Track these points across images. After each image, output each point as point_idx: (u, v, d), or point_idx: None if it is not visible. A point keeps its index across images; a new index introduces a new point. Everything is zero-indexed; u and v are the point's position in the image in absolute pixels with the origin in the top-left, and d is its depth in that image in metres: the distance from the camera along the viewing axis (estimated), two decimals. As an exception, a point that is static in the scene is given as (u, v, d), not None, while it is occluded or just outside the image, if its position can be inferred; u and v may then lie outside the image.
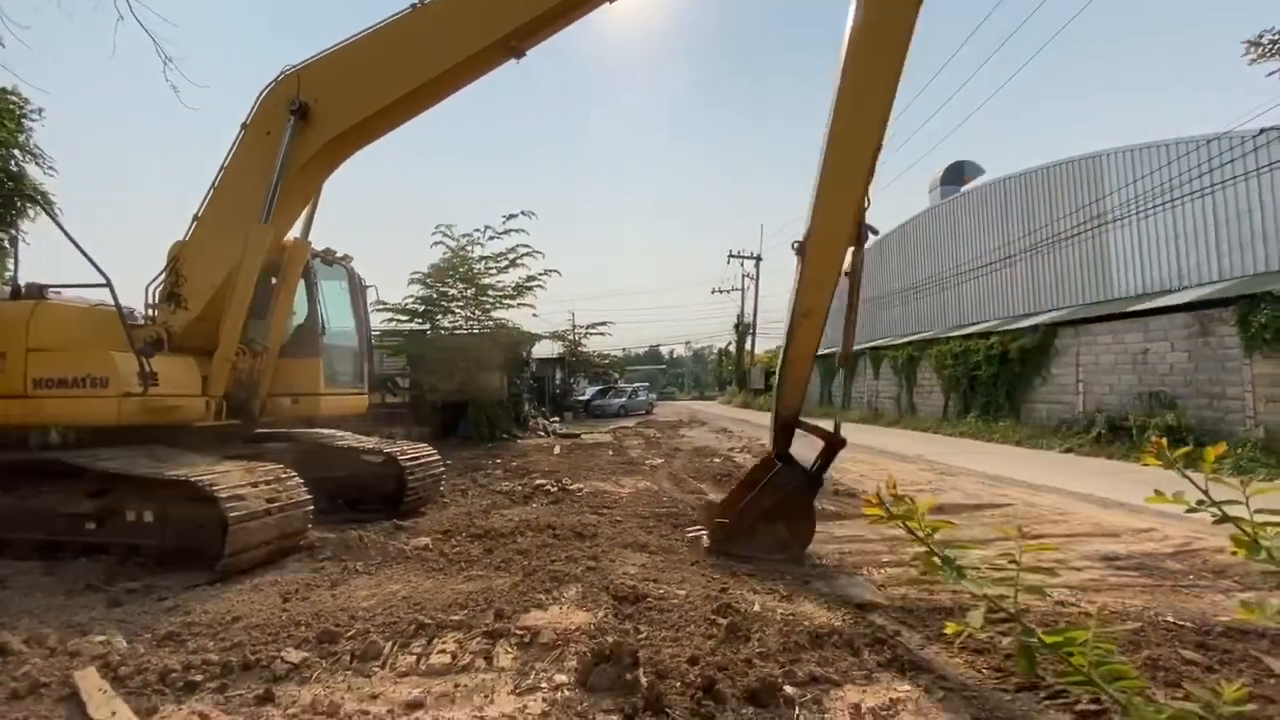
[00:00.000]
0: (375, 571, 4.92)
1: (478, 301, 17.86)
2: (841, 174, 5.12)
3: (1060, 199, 18.65)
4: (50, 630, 3.64)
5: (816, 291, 5.36)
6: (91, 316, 5.84)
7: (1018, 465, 11.67)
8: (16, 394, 5.32)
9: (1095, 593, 4.42)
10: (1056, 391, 16.57)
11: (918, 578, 4.64)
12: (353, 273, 8.06)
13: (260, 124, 6.03)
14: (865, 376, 27.75)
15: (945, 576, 1.40)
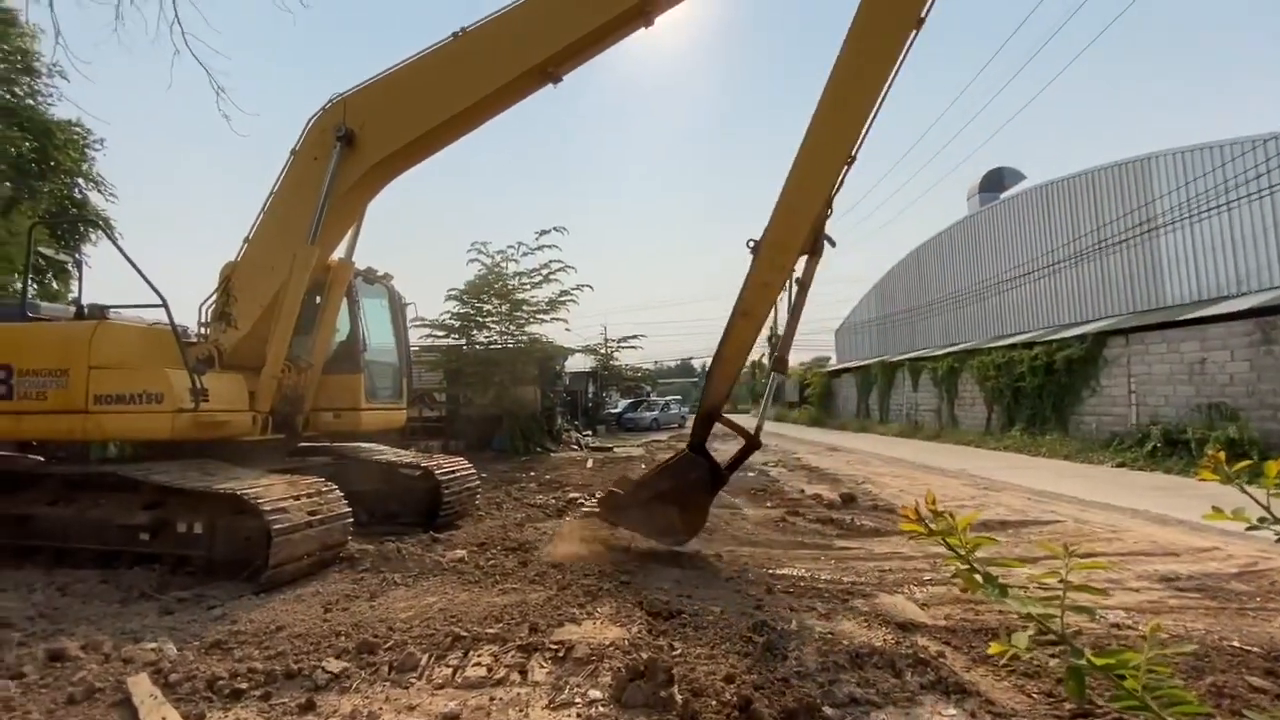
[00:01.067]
0: (413, 583, 4.99)
1: (512, 317, 18.12)
2: (808, 180, 5.15)
3: (1106, 204, 18.03)
4: (105, 637, 3.78)
5: (761, 292, 5.37)
6: (148, 335, 6.12)
7: (1066, 480, 11.22)
8: (78, 409, 5.57)
9: (1154, 615, 4.19)
10: (1107, 403, 15.91)
11: (962, 597, 4.49)
12: (392, 291, 8.28)
13: (308, 150, 6.28)
14: (904, 389, 27.13)
15: (987, 594, 1.35)
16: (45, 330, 5.99)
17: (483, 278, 17.87)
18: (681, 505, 5.36)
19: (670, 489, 5.34)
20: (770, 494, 9.90)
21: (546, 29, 5.74)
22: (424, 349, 19.00)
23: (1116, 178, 17.64)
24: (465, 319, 18.03)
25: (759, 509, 8.67)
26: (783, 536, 6.85)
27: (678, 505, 5.34)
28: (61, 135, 19.37)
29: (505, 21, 5.81)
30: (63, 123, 19.47)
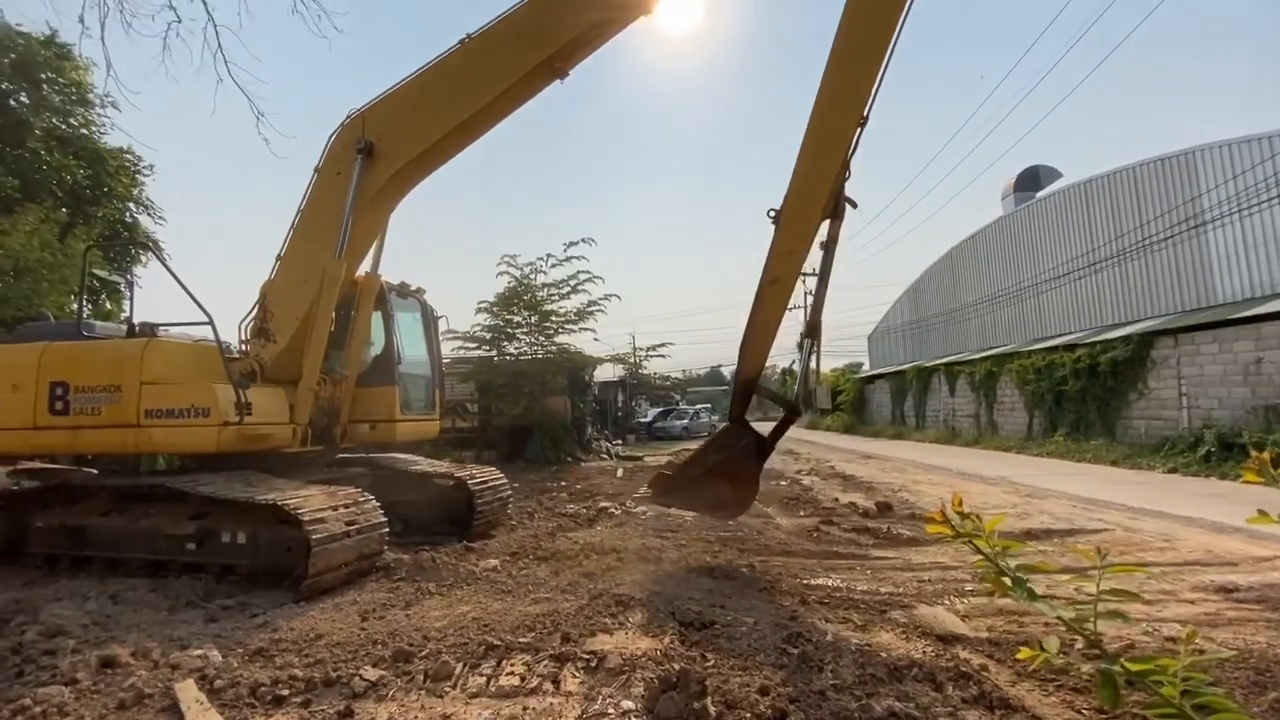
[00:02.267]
0: (447, 592, 5.04)
1: (541, 328, 18.32)
2: (822, 144, 5.12)
3: (1150, 200, 17.41)
4: (154, 644, 3.91)
5: (787, 259, 5.36)
6: (195, 352, 6.35)
7: (1114, 487, 10.80)
8: (130, 423, 5.80)
9: (1211, 628, 3.99)
10: (1156, 406, 15.29)
11: (1006, 608, 4.35)
12: (425, 304, 8.45)
13: (330, 166, 6.47)
14: (940, 394, 26.52)
15: (1015, 597, 1.30)
16: (99, 348, 6.24)
17: (512, 290, 18.11)
18: (731, 478, 5.38)
19: (719, 463, 5.36)
20: (803, 503, 9.76)
21: (549, 25, 5.88)
22: (456, 361, 19.31)
23: (1160, 173, 17.04)
24: (496, 331, 18.29)
25: (792, 518, 8.55)
26: (816, 546, 6.74)
27: (728, 478, 5.37)
28: (113, 162, 20.34)
29: (509, 22, 5.97)
30: (114, 150, 20.45)
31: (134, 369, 5.85)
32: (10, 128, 18.05)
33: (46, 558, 6.00)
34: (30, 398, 5.91)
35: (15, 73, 17.98)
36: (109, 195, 20.51)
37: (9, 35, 16.44)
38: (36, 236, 15.60)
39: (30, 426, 5.91)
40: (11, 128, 18.07)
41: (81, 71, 19.39)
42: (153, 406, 5.78)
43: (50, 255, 15.81)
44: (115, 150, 20.55)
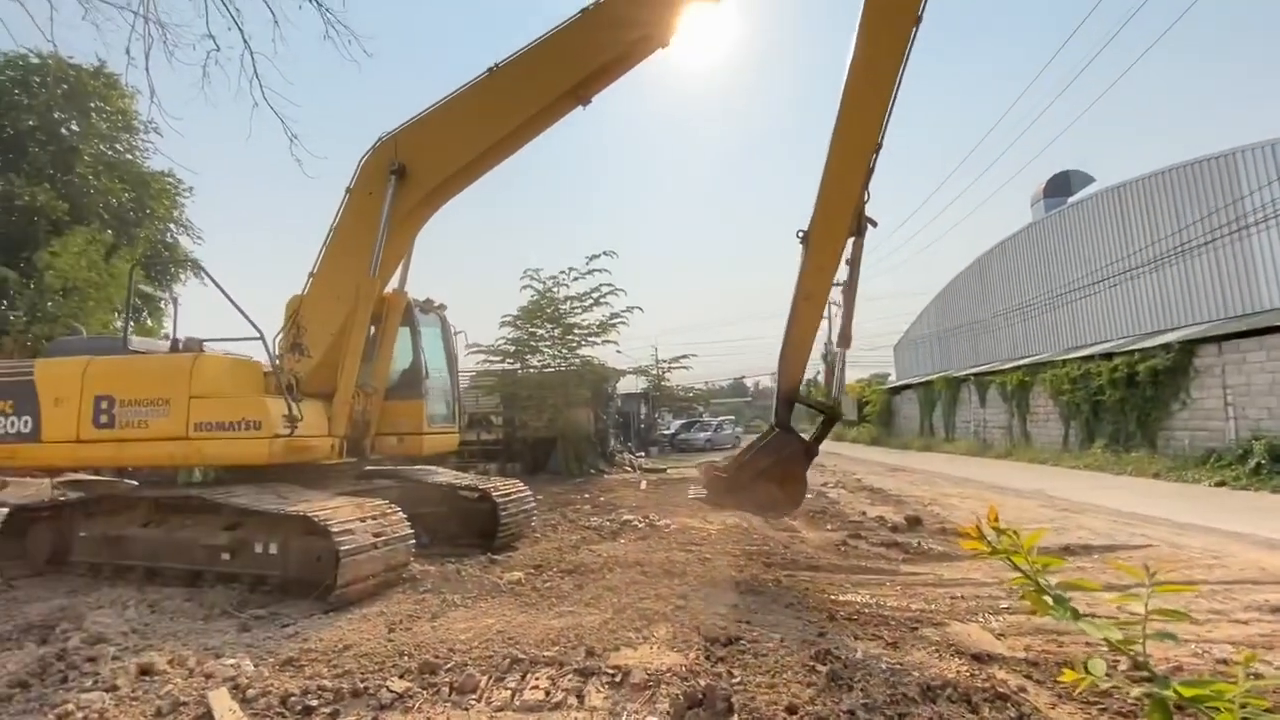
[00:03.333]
0: (472, 604, 5.06)
1: (564, 340, 18.44)
2: (842, 171, 5.73)
3: (1188, 204, 16.90)
4: (190, 652, 3.99)
5: (818, 276, 5.95)
6: (240, 366, 6.53)
7: (1157, 500, 10.41)
8: (178, 436, 5.95)
9: (1267, 650, 3.81)
10: (1200, 417, 14.74)
11: (1044, 627, 4.21)
12: (444, 320, 8.59)
13: (363, 186, 6.65)
14: (970, 404, 25.94)
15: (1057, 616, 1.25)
16: (147, 362, 6.41)
17: (535, 303, 18.29)
18: (781, 480, 5.82)
19: (769, 466, 5.77)
20: (830, 516, 9.60)
21: (572, 57, 6.25)
22: (481, 374, 19.52)
23: (1198, 175, 16.55)
24: (519, 344, 18.46)
25: (818, 532, 8.41)
26: (844, 561, 6.61)
27: (778, 480, 5.79)
28: (156, 186, 21.19)
29: (535, 54, 6.27)
30: (157, 174, 21.30)
31: (183, 383, 5.99)
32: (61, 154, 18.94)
33: (89, 566, 6.18)
34: (74, 411, 6.09)
35: (67, 102, 18.89)
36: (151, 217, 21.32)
37: (61, 67, 17.27)
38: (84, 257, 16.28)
39: (74, 440, 6.08)
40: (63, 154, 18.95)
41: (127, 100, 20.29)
42: (202, 420, 5.92)
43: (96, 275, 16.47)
44: (158, 174, 21.39)
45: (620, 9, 6.14)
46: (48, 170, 18.66)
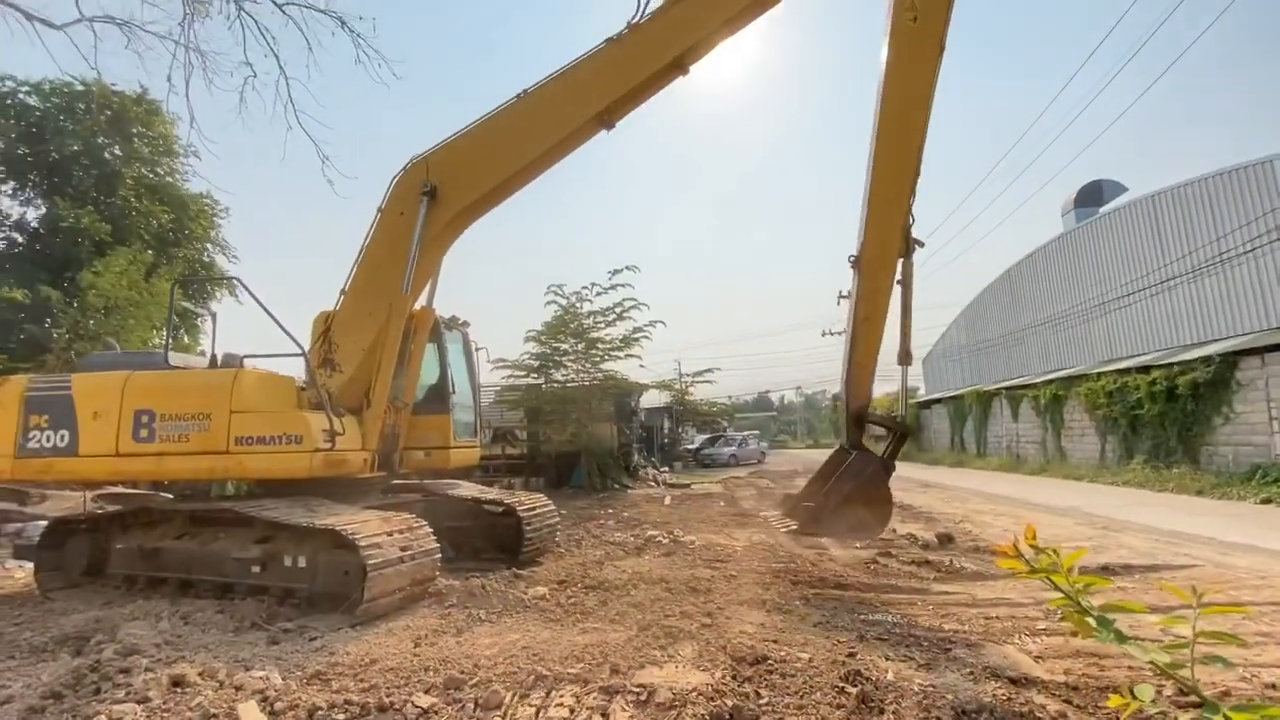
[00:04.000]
0: (496, 620, 5.06)
1: (587, 355, 18.52)
2: (886, 197, 6.10)
3: (1225, 212, 16.43)
4: (220, 664, 4.05)
5: (874, 299, 6.38)
6: (278, 381, 6.67)
7: (1200, 518, 10.02)
8: (219, 450, 6.05)
9: (1324, 677, 3.61)
10: (1244, 431, 14.20)
11: (1084, 649, 4.05)
12: (467, 336, 8.70)
13: (394, 207, 6.81)
14: (1002, 419, 25.36)
15: (1100, 638, 1.20)
16: (187, 377, 6.55)
17: (559, 318, 18.42)
18: (867, 501, 6.24)
19: (853, 489, 6.12)
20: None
21: (597, 85, 6.53)
22: (506, 388, 19.67)
23: (1235, 183, 16.10)
24: (543, 359, 18.59)
25: (847, 549, 8.24)
26: (874, 579, 6.47)
27: (864, 502, 6.19)
28: (194, 207, 21.93)
29: (561, 81, 6.55)
30: (195, 195, 22.05)
31: (224, 397, 6.09)
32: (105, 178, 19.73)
33: (125, 578, 6.32)
34: (113, 425, 6.21)
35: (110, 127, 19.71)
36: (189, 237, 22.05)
37: (105, 94, 18.05)
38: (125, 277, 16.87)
39: (113, 453, 6.20)
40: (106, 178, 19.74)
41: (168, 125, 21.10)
42: (243, 434, 6.00)
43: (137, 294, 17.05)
44: (196, 195, 22.15)
45: (644, 41, 6.46)
46: (91, 193, 19.44)
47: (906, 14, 5.95)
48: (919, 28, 5.93)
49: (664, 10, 6.51)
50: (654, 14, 6.51)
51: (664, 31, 6.49)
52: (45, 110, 19.36)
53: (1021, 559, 1.29)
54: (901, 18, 5.96)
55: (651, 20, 6.51)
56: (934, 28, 5.88)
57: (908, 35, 5.93)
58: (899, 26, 5.96)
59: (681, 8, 6.47)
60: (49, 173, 19.48)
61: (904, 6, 5.96)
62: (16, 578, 7.49)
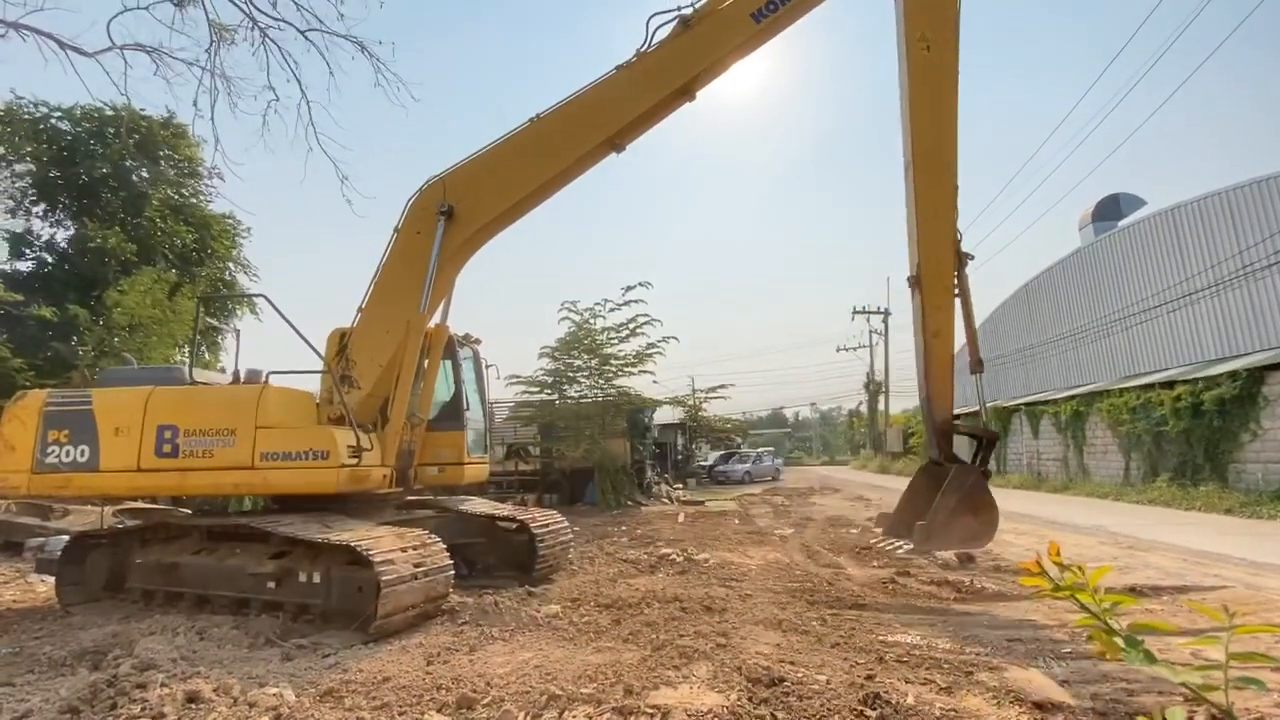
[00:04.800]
0: (509, 638, 5.02)
1: (601, 371, 18.55)
2: (932, 214, 6.40)
3: (1248, 225, 16.17)
4: (235, 680, 4.05)
5: (938, 314, 6.59)
6: (302, 398, 6.74)
7: (1230, 538, 9.74)
8: (244, 466, 6.08)
9: (1366, 705, 3.47)
10: (1273, 449, 13.84)
11: (1112, 673, 3.93)
12: (477, 353, 8.76)
13: (411, 226, 6.93)
14: (1023, 436, 24.96)
15: (1129, 659, 1.16)
16: (212, 393, 6.61)
17: (572, 334, 18.50)
18: (974, 510, 6.38)
19: (960, 502, 6.26)
20: (876, 552, 9.25)
21: (607, 111, 6.79)
22: (519, 404, 19.73)
23: (1258, 196, 15.87)
24: (557, 374, 18.64)
25: (864, 569, 8.11)
26: (893, 599, 6.35)
27: (971, 512, 6.34)
28: (217, 227, 22.42)
29: (573, 107, 6.80)
30: (218, 216, 22.56)
31: (250, 413, 6.12)
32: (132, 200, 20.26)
33: (143, 593, 6.36)
34: (135, 441, 6.26)
35: (139, 151, 20.27)
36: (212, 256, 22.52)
37: (134, 119, 18.59)
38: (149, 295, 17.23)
39: (134, 469, 6.23)
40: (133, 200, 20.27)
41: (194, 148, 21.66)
42: (269, 450, 6.03)
43: (160, 312, 17.39)
44: (219, 216, 22.65)
45: (651, 69, 6.74)
46: (119, 215, 19.97)
47: (919, 45, 6.30)
48: (934, 55, 6.29)
49: (671, 40, 6.76)
50: (662, 43, 6.77)
51: (671, 60, 6.76)
52: (76, 135, 19.98)
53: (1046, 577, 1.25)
54: (915, 49, 6.31)
55: (659, 49, 6.77)
56: (947, 53, 6.26)
57: (924, 64, 6.29)
58: (914, 57, 6.30)
59: (687, 38, 6.73)
60: (79, 195, 20.04)
61: (915, 38, 6.29)
62: (38, 591, 7.58)
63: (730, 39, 6.73)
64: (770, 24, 6.69)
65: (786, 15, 6.71)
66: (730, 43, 6.75)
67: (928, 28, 6.34)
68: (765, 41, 6.91)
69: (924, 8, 6.38)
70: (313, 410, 6.55)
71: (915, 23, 6.33)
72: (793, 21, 6.85)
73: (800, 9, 6.74)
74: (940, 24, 6.35)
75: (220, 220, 22.55)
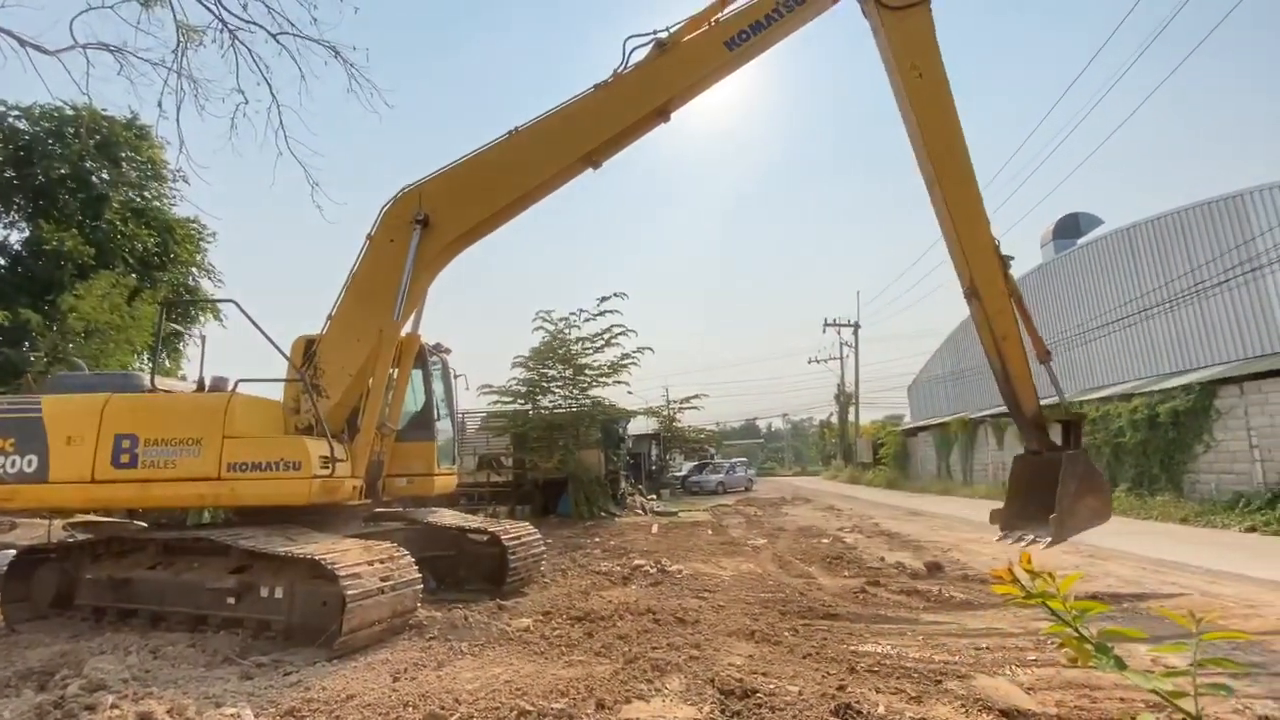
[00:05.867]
0: (479, 652, 4.93)
1: (575, 381, 18.45)
2: (968, 226, 6.72)
3: (1199, 244, 16.88)
4: (190, 701, 3.89)
5: (1001, 317, 6.81)
6: (270, 407, 6.55)
7: (1186, 547, 10.07)
8: (209, 477, 5.85)
9: (1314, 708, 3.60)
10: (1226, 460, 14.38)
11: (1075, 681, 4.02)
12: (446, 363, 8.66)
13: (385, 234, 6.84)
14: (988, 447, 25.51)
15: (1101, 666, 1.18)
16: (176, 401, 6.35)
17: (546, 344, 18.39)
18: (1092, 490, 6.57)
19: (1078, 488, 6.44)
20: (847, 562, 9.35)
21: (584, 128, 6.82)
22: (492, 415, 19.50)
23: (1209, 217, 16.58)
24: (531, 384, 18.48)
25: (836, 578, 8.18)
26: (863, 609, 6.40)
27: (1091, 492, 6.55)
28: (181, 231, 21.81)
29: (551, 122, 6.84)
30: (182, 220, 21.95)
31: (217, 422, 5.90)
32: (91, 201, 19.62)
33: (93, 610, 6.09)
34: (89, 450, 5.97)
35: (99, 152, 19.66)
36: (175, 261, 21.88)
37: (95, 119, 18.04)
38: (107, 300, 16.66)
39: (88, 480, 5.95)
40: (92, 201, 19.63)
41: (157, 150, 21.09)
42: (236, 460, 5.82)
43: (119, 318, 16.81)
44: (183, 220, 22.05)
45: (629, 89, 6.78)
46: (77, 217, 19.28)
47: (912, 73, 6.61)
48: (927, 80, 6.60)
49: (647, 63, 6.86)
50: (638, 65, 6.86)
51: (647, 82, 6.85)
52: (34, 134, 19.30)
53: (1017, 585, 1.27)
54: (909, 78, 6.61)
55: (635, 71, 6.86)
56: (939, 74, 6.61)
57: (919, 89, 6.60)
58: (911, 85, 6.61)
59: (662, 62, 6.83)
60: (35, 196, 19.33)
61: (907, 68, 6.60)
62: (-21, 610, 7.20)
63: (704, 65, 6.87)
64: (743, 52, 6.82)
65: (759, 43, 6.86)
66: (704, 69, 6.88)
67: (915, 57, 6.64)
68: (739, 67, 7.06)
69: (906, 40, 6.67)
70: (282, 420, 6.38)
71: (902, 55, 6.65)
72: (766, 49, 7.00)
73: (772, 38, 6.90)
74: (924, 50, 6.65)
75: (184, 224, 21.95)
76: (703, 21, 6.88)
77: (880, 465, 37.70)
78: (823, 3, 6.91)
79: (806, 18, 6.96)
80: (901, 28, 6.70)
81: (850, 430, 48.36)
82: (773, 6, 6.78)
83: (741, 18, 6.79)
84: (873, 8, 6.79)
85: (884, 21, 6.72)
